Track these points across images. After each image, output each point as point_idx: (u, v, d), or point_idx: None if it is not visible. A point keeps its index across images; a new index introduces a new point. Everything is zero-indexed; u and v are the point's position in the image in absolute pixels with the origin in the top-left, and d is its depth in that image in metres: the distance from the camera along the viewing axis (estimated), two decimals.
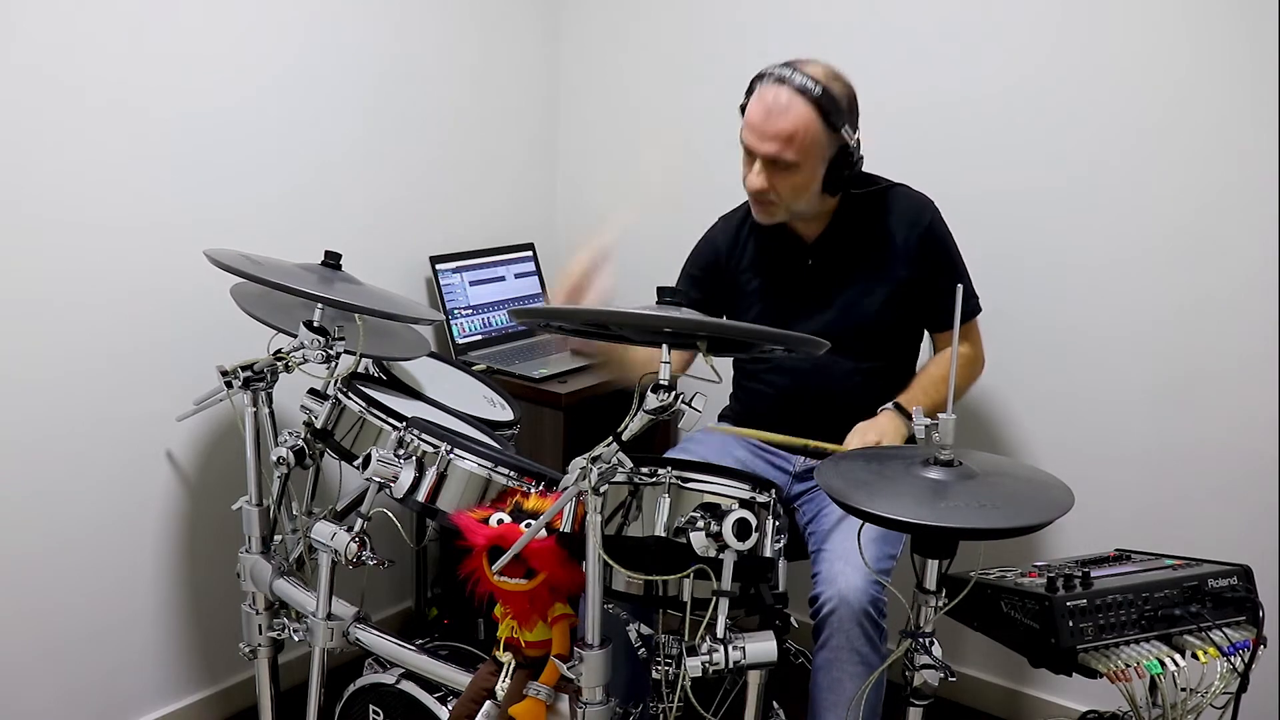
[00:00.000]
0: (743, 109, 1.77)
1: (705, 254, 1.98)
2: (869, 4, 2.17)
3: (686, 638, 1.27)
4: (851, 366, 1.85)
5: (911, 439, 1.62)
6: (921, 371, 1.90)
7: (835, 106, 1.69)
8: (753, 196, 1.79)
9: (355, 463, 1.53)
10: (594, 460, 1.20)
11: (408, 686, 1.57)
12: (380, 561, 1.52)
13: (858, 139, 1.75)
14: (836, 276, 1.86)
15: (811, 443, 1.71)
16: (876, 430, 1.73)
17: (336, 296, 1.55)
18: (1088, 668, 1.26)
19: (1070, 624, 1.26)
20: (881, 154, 1.88)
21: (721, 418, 2.05)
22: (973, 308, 1.90)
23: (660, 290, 1.30)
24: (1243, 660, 1.29)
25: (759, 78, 1.74)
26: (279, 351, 1.67)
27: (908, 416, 1.69)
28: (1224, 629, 1.30)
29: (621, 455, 1.22)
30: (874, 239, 1.85)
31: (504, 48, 2.58)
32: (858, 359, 1.85)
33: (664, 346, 1.24)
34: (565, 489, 1.24)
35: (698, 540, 1.22)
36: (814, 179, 1.74)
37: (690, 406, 1.20)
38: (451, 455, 1.46)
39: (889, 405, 1.79)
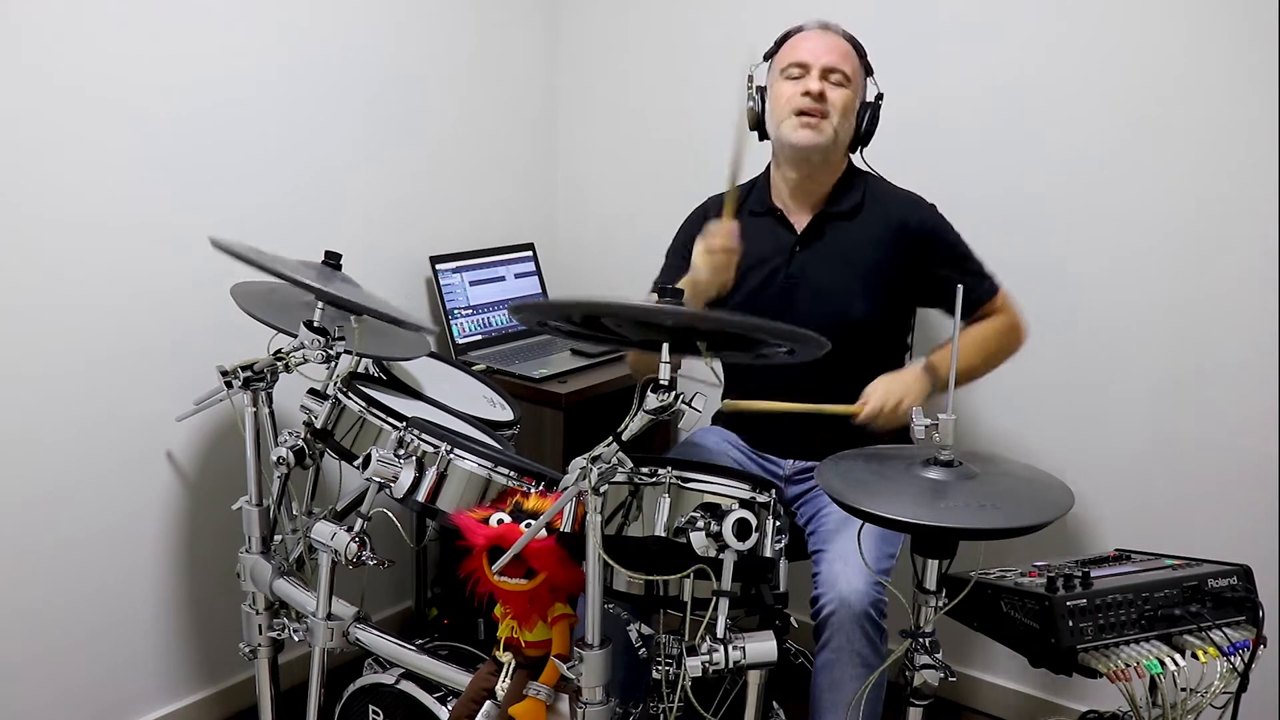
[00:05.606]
0: (768, 56, 1.87)
1: (698, 226, 1.89)
2: (870, 4, 2.17)
3: (686, 638, 1.27)
4: (833, 362, 1.83)
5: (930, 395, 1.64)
6: (962, 332, 1.79)
7: (866, 56, 1.85)
8: (806, 109, 1.76)
9: (355, 463, 1.53)
10: (594, 460, 1.20)
11: (408, 686, 1.57)
12: (380, 561, 1.52)
13: (878, 94, 1.85)
14: (820, 268, 1.84)
15: (827, 408, 1.67)
16: (901, 386, 1.68)
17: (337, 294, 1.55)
18: (1088, 668, 1.26)
19: (1070, 624, 1.26)
20: (882, 154, 1.89)
21: (715, 420, 2.04)
22: (989, 287, 1.85)
23: (661, 290, 1.30)
24: (1243, 660, 1.29)
25: (794, 30, 1.85)
26: (279, 351, 1.68)
27: (933, 378, 1.70)
28: (1224, 629, 1.31)
29: (621, 455, 1.22)
30: (860, 232, 1.84)
31: (504, 47, 2.58)
32: (838, 354, 1.83)
33: (664, 346, 1.24)
34: (565, 489, 1.24)
35: (698, 540, 1.22)
36: (855, 106, 1.82)
37: (690, 406, 1.20)
38: (451, 455, 1.46)
39: (919, 361, 1.75)
